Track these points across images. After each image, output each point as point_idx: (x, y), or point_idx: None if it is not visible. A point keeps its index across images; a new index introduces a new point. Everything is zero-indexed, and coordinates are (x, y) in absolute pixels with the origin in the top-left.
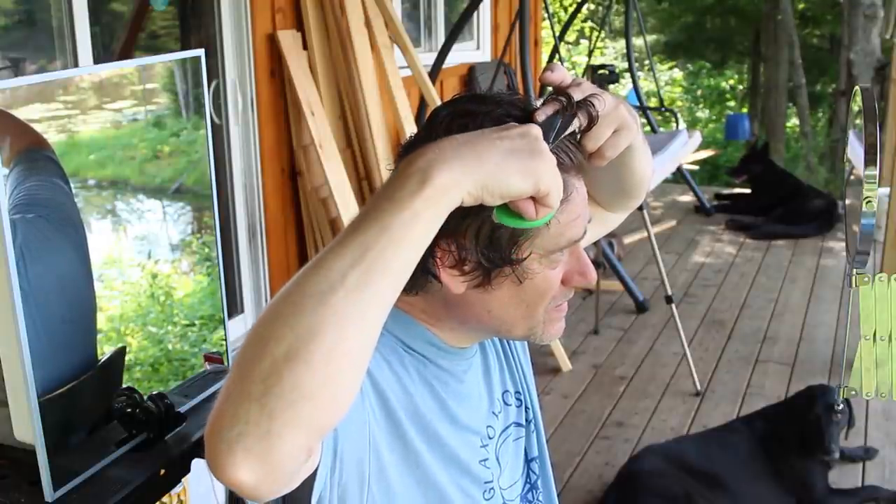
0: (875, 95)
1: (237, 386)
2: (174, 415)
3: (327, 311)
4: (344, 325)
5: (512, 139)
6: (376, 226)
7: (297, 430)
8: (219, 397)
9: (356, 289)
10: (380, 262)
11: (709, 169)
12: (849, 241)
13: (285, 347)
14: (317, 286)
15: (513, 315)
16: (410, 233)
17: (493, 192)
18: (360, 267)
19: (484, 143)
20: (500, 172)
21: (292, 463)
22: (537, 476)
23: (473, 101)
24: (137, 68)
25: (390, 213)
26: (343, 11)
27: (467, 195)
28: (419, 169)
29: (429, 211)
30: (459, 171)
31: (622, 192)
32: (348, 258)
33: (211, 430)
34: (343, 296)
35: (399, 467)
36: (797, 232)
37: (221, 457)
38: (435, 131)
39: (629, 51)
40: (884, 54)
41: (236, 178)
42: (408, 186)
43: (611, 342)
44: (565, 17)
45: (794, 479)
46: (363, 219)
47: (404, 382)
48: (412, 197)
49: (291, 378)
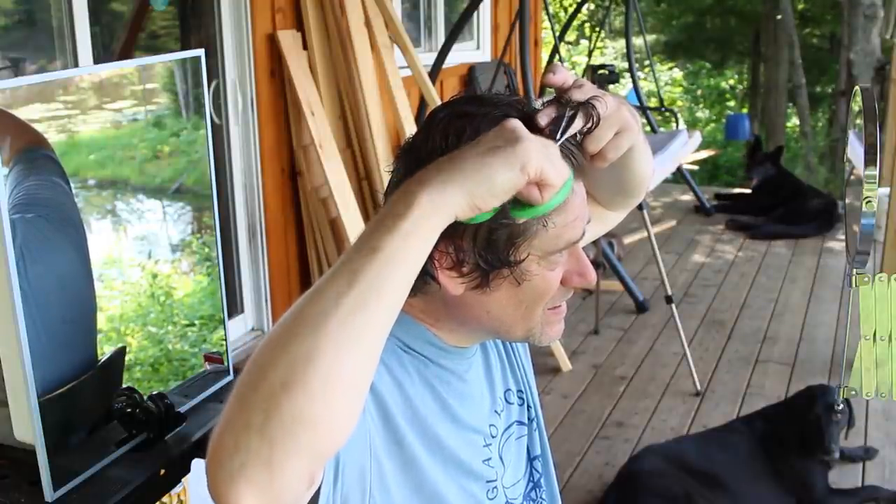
0: (875, 95)
1: (237, 415)
2: (174, 415)
3: (322, 336)
4: (340, 350)
5: (488, 140)
6: (367, 248)
7: (299, 458)
8: (219, 424)
9: (351, 312)
10: (373, 285)
11: (709, 169)
12: (849, 241)
13: (283, 374)
14: (312, 312)
15: (511, 316)
16: (401, 254)
17: (482, 195)
18: (354, 290)
19: (462, 154)
20: (483, 173)
21: (296, 489)
22: (540, 474)
23: (471, 102)
24: (137, 68)
25: (379, 235)
26: (343, 11)
27: (459, 209)
28: (405, 193)
29: (418, 230)
30: (441, 186)
31: (622, 192)
32: (342, 283)
33: (212, 459)
34: (337, 320)
35: (398, 473)
36: (797, 232)
37: (224, 487)
38: (432, 133)
39: (629, 51)
40: (884, 54)
41: (236, 178)
42: (395, 210)
43: (611, 342)
44: (565, 18)
45: (794, 479)
46: (355, 245)
47: (404, 387)
48: (400, 218)
49: (290, 405)
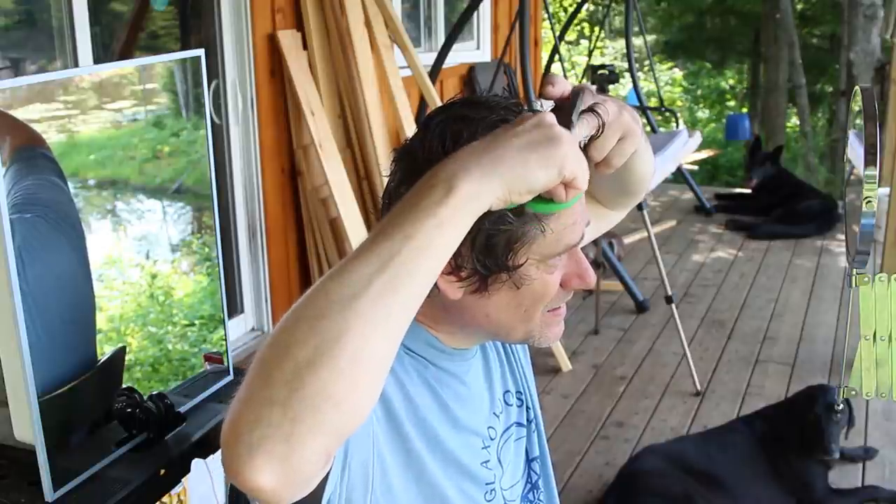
0: (875, 95)
1: (258, 390)
2: (174, 415)
3: (353, 315)
4: (369, 331)
5: (528, 132)
6: (401, 233)
7: (320, 435)
8: (236, 402)
9: (382, 294)
10: (405, 269)
11: (709, 169)
12: (849, 241)
13: (310, 352)
14: (342, 292)
15: (511, 319)
16: (436, 240)
17: (519, 190)
18: (387, 273)
19: (501, 144)
20: (523, 170)
21: (312, 467)
22: (538, 476)
23: (468, 105)
24: (137, 68)
25: (414, 221)
26: (343, 11)
27: (496, 200)
28: (443, 180)
29: (455, 219)
30: (482, 178)
31: (623, 192)
32: (374, 264)
33: (229, 434)
34: (369, 301)
35: (400, 470)
36: (797, 232)
37: (241, 461)
38: (430, 137)
39: (629, 51)
40: (884, 54)
41: (236, 178)
42: (433, 196)
43: (611, 342)
44: (565, 18)
45: (794, 479)
46: (387, 227)
47: (405, 386)
48: (438, 206)
49: (316, 382)
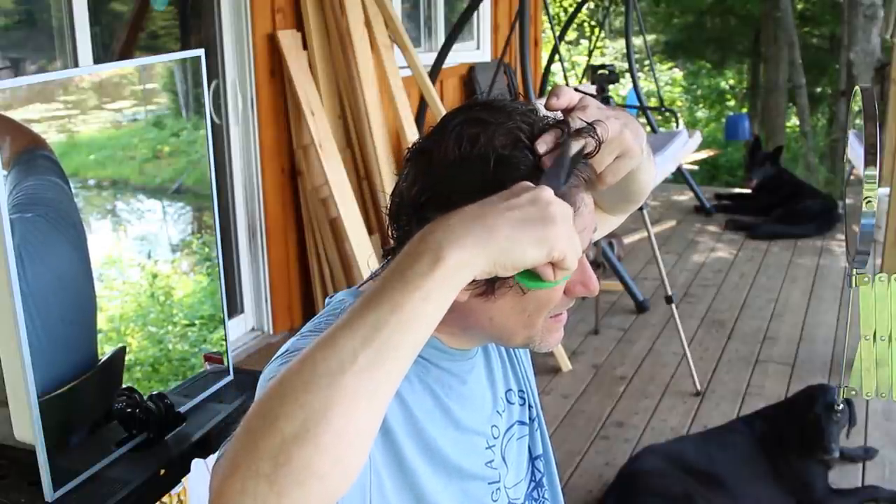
0: (875, 95)
1: (246, 459)
2: (174, 415)
3: (337, 391)
4: (354, 405)
5: (522, 208)
6: (387, 305)
7: None
8: (223, 465)
9: (367, 368)
10: (391, 342)
11: (709, 169)
12: (849, 241)
13: (296, 427)
14: (327, 365)
15: (514, 323)
16: (422, 312)
17: (505, 265)
18: (372, 346)
19: (494, 215)
20: (513, 245)
21: None
22: (542, 474)
23: (486, 109)
24: (137, 68)
25: (402, 292)
26: (343, 11)
27: (479, 272)
28: (430, 248)
29: (441, 290)
30: (471, 249)
31: (625, 199)
32: (359, 337)
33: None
34: (354, 375)
35: (397, 486)
36: (797, 232)
37: None
38: (446, 138)
39: (629, 51)
40: (884, 54)
41: (236, 178)
42: (418, 267)
43: (611, 342)
44: (565, 18)
45: (794, 479)
46: (374, 296)
47: (403, 396)
48: (424, 278)
49: (302, 458)
